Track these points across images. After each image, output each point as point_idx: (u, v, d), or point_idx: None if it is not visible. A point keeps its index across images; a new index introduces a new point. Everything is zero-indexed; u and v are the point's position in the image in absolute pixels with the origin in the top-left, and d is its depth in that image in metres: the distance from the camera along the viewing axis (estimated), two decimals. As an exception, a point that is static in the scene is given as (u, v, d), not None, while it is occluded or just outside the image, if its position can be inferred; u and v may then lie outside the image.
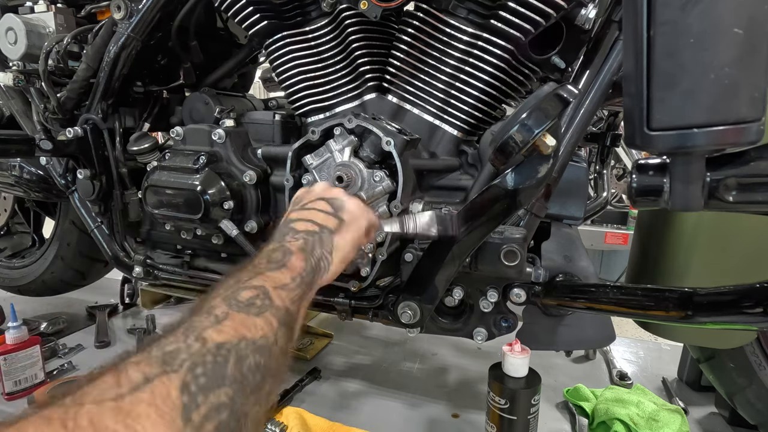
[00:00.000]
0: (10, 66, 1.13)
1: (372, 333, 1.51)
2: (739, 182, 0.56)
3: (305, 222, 0.59)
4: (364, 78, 0.86)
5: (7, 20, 1.06)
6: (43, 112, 1.09)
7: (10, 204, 1.62)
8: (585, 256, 0.80)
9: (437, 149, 0.85)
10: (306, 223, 0.59)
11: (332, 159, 0.78)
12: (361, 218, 0.62)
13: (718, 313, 0.61)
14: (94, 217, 1.12)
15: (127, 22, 0.95)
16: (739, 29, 0.45)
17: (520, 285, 0.77)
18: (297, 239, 0.55)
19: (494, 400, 0.91)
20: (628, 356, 1.40)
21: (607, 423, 1.01)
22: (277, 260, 0.51)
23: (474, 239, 0.70)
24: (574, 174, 0.79)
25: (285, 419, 1.06)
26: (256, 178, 0.89)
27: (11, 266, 1.59)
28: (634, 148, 0.55)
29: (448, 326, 0.85)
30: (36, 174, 1.27)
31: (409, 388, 1.21)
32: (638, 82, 0.50)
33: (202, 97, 1.02)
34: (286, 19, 0.88)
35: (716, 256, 0.87)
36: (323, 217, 0.60)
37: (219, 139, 0.91)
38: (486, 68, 0.80)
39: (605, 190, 1.36)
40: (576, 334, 0.84)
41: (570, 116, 0.74)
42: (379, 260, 0.78)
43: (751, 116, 0.47)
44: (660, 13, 0.47)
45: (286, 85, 0.92)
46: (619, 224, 2.73)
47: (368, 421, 1.07)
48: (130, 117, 1.10)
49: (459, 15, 0.79)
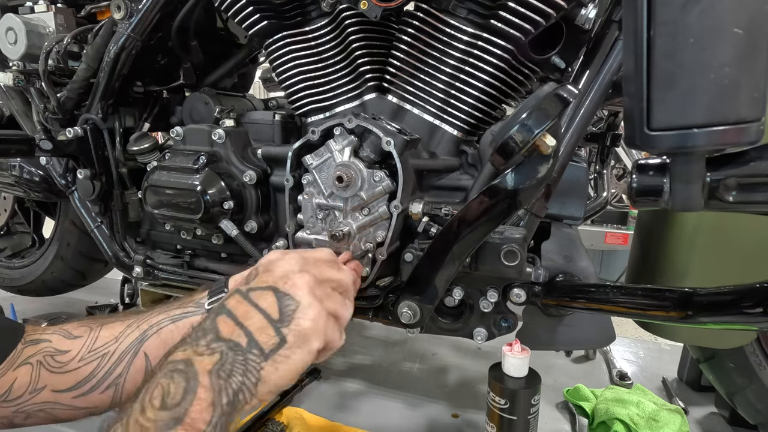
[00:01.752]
0: (10, 66, 1.13)
1: (372, 333, 1.51)
2: (739, 182, 0.56)
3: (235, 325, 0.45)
4: (364, 78, 0.86)
5: (7, 20, 1.06)
6: (43, 112, 1.09)
7: (10, 204, 1.62)
8: (585, 256, 0.80)
9: (437, 149, 0.85)
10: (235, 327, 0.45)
11: (332, 159, 0.78)
12: (312, 339, 0.47)
13: (718, 313, 0.61)
14: (94, 217, 1.12)
15: (127, 22, 0.95)
16: (739, 29, 0.45)
17: (520, 285, 0.77)
18: (213, 353, 0.42)
19: (494, 400, 0.91)
20: (628, 356, 1.41)
21: (607, 423, 1.01)
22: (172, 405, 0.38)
23: (474, 239, 0.70)
24: (574, 174, 0.79)
25: (285, 419, 1.06)
26: (256, 178, 0.89)
27: (11, 266, 1.59)
28: (634, 148, 0.55)
29: (448, 326, 0.85)
30: (36, 174, 1.27)
31: (409, 388, 1.21)
32: (638, 82, 0.50)
33: (202, 97, 1.02)
34: (286, 19, 0.88)
35: (716, 256, 0.87)
36: (259, 327, 0.45)
37: (219, 139, 0.91)
38: (486, 68, 0.80)
39: (605, 190, 1.36)
40: (576, 334, 0.84)
41: (570, 116, 0.74)
42: (379, 260, 0.78)
43: (751, 116, 0.47)
44: (660, 13, 0.47)
45: (286, 85, 0.92)
46: (619, 224, 2.73)
47: (368, 421, 1.07)
48: (130, 117, 1.10)
49: (459, 15, 0.79)
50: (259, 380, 0.43)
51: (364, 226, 0.78)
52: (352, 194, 0.76)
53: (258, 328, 0.45)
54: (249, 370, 0.43)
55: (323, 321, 0.48)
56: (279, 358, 0.45)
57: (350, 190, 0.76)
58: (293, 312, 0.47)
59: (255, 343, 0.44)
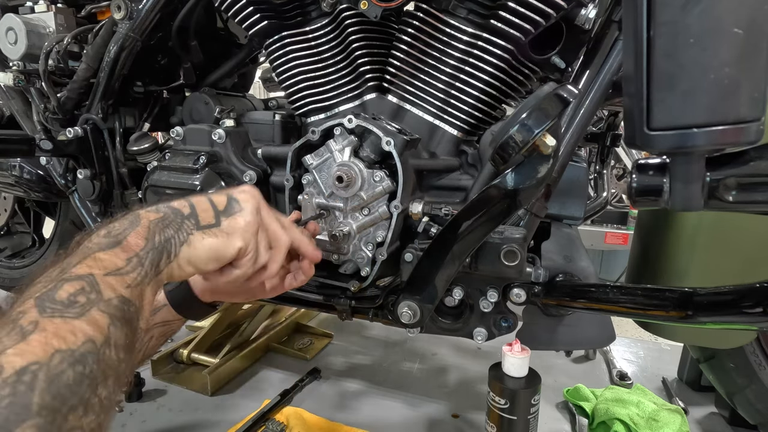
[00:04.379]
0: (10, 66, 1.13)
1: (372, 333, 1.51)
2: (739, 182, 0.56)
3: (185, 201, 0.53)
4: (364, 78, 0.86)
5: (7, 20, 1.06)
6: (43, 112, 1.09)
7: (10, 204, 1.62)
8: (585, 256, 0.80)
9: (437, 149, 0.85)
10: (185, 202, 0.53)
11: (332, 159, 0.78)
12: (237, 237, 0.53)
13: (718, 313, 0.61)
14: (94, 217, 1.12)
15: (127, 22, 0.95)
16: (739, 29, 0.45)
17: (520, 285, 0.77)
18: (158, 212, 0.50)
19: (494, 400, 0.91)
20: (628, 356, 1.41)
21: (607, 423, 1.01)
22: (115, 234, 0.45)
23: (474, 239, 0.70)
24: (574, 174, 0.79)
25: (285, 419, 1.06)
26: (256, 178, 0.89)
27: (11, 266, 1.59)
28: (634, 148, 0.55)
29: (448, 326, 0.85)
30: (36, 174, 1.27)
31: (409, 388, 1.21)
32: (638, 82, 0.50)
33: (202, 97, 1.02)
34: (286, 19, 0.88)
35: (716, 256, 0.87)
36: (204, 207, 0.53)
37: (219, 139, 0.91)
38: (486, 68, 0.80)
39: (605, 190, 1.36)
40: (576, 334, 0.84)
41: (570, 116, 0.74)
42: (379, 260, 0.78)
43: (751, 116, 0.47)
44: (660, 13, 0.47)
45: (286, 85, 0.92)
46: (619, 224, 2.73)
47: (368, 421, 1.07)
48: (130, 117, 1.10)
49: (459, 15, 0.79)
50: (185, 242, 0.50)
51: (364, 226, 0.78)
52: (352, 194, 0.76)
53: (203, 208, 0.53)
54: (181, 230, 0.50)
55: (254, 229, 0.55)
56: (208, 233, 0.52)
57: (350, 190, 0.76)
58: (233, 211, 0.54)
59: (194, 216, 0.52)
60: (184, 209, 0.51)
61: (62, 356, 0.33)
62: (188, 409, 1.12)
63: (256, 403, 1.11)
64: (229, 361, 1.25)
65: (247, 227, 0.54)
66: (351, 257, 0.80)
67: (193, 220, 0.51)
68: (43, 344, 0.33)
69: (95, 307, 0.37)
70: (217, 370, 1.20)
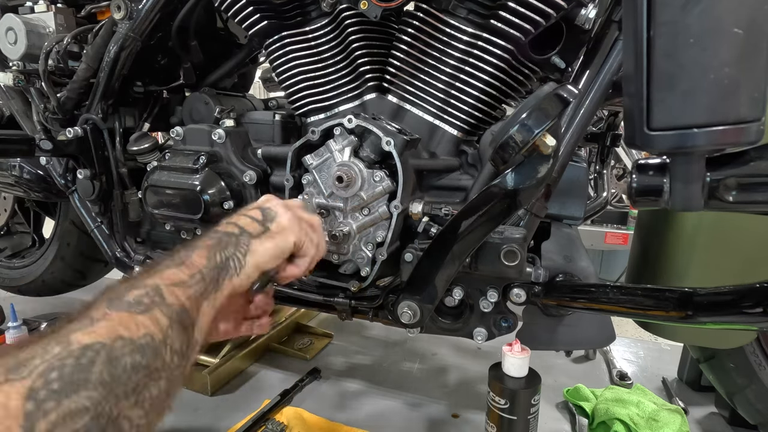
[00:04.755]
0: (10, 66, 1.13)
1: (372, 333, 1.51)
2: (739, 182, 0.56)
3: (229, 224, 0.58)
4: (364, 78, 0.86)
5: (7, 20, 1.06)
6: (43, 112, 1.09)
7: (10, 204, 1.62)
8: (585, 256, 0.80)
9: (437, 149, 0.85)
10: (229, 225, 0.58)
11: (332, 159, 0.78)
12: (288, 233, 0.60)
13: (718, 313, 0.61)
14: (94, 217, 1.12)
15: (127, 22, 0.95)
16: (739, 29, 0.45)
17: (520, 285, 0.77)
18: (212, 238, 0.54)
19: (494, 400, 0.91)
20: (628, 356, 1.41)
21: (607, 423, 1.01)
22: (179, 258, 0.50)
23: (474, 239, 0.70)
24: (574, 174, 0.79)
25: (285, 419, 1.06)
26: (256, 178, 0.89)
27: (11, 266, 1.59)
28: (634, 148, 0.55)
29: (448, 326, 0.85)
30: (36, 174, 1.27)
31: (409, 388, 1.21)
32: (638, 82, 0.50)
33: (202, 97, 1.02)
34: (286, 19, 0.88)
35: (716, 256, 0.87)
36: (247, 222, 0.58)
37: (219, 139, 0.91)
38: (486, 68, 0.80)
39: (605, 190, 1.36)
40: (576, 334, 0.84)
41: (570, 116, 0.74)
42: (379, 260, 0.78)
43: (751, 116, 0.47)
44: (660, 13, 0.47)
45: (286, 85, 0.92)
46: (619, 224, 2.73)
47: (368, 421, 1.07)
48: (130, 117, 1.10)
49: (459, 15, 0.79)
50: (248, 252, 0.55)
51: (364, 226, 0.78)
52: (352, 194, 0.77)
53: (247, 223, 0.58)
54: (240, 245, 0.55)
55: (298, 223, 0.61)
56: (264, 237, 0.57)
57: (350, 190, 0.76)
58: (273, 216, 0.60)
59: (245, 232, 0.57)
60: (233, 230, 0.57)
61: (124, 342, 0.37)
62: (188, 409, 1.12)
63: (256, 403, 1.11)
64: (229, 361, 1.25)
65: (291, 223, 0.61)
66: (351, 257, 0.80)
67: (246, 235, 0.57)
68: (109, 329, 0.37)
69: (158, 308, 0.41)
70: (217, 370, 1.20)
